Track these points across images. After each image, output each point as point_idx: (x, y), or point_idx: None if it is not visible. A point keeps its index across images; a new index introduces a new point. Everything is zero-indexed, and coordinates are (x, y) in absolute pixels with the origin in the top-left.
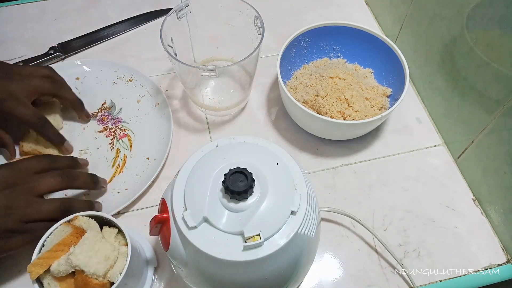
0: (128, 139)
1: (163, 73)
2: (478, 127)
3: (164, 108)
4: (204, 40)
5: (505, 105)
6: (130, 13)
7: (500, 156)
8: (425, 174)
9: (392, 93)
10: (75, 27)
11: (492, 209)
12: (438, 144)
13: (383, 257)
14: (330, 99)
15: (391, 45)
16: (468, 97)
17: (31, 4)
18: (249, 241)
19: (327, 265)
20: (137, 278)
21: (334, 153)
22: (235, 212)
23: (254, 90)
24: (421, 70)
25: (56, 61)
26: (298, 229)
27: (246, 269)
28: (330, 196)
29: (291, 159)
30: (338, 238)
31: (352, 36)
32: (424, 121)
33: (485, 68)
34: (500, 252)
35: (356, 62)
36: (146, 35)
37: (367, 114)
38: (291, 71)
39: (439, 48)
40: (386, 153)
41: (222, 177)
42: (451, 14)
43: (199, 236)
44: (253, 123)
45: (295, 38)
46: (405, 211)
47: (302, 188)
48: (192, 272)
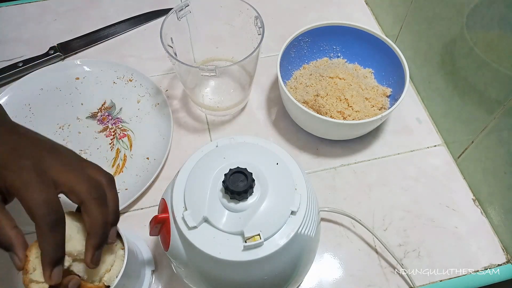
0: (128, 139)
1: (163, 73)
2: (478, 127)
3: (164, 108)
4: (204, 40)
5: (505, 105)
6: (130, 13)
7: (500, 156)
8: (425, 174)
9: (392, 93)
10: (75, 27)
11: (492, 209)
12: (438, 144)
13: (383, 257)
14: (330, 99)
15: (391, 45)
16: (468, 97)
17: (31, 4)
18: (249, 241)
19: (327, 265)
20: (134, 280)
21: (334, 153)
22: (235, 212)
23: (254, 90)
24: (421, 70)
25: (56, 61)
26: (298, 229)
27: (246, 269)
28: (330, 196)
29: (291, 159)
30: (338, 238)
31: (352, 36)
32: (424, 121)
33: (485, 68)
34: (500, 252)
35: (356, 62)
36: (146, 35)
37: (367, 114)
38: (291, 71)
39: (439, 48)
40: (386, 153)
41: (222, 177)
42: (451, 14)
43: (199, 236)
44: (253, 123)
45: (295, 38)
46: (405, 211)
47: (302, 188)
48: (192, 272)
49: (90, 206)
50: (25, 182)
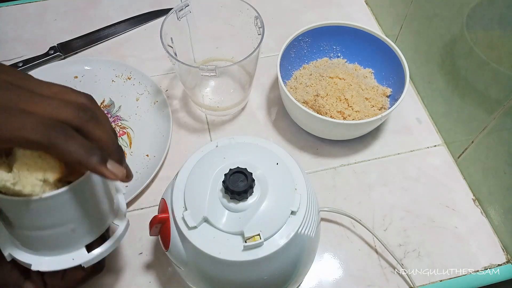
0: (127, 136)
1: (163, 73)
2: (478, 127)
3: (163, 105)
4: (204, 40)
5: (505, 105)
6: (130, 13)
7: (500, 156)
8: (425, 174)
9: (392, 93)
10: (75, 27)
11: (492, 209)
12: (438, 144)
13: (383, 257)
14: (330, 99)
15: (391, 45)
16: (468, 97)
17: (31, 4)
18: (249, 241)
19: (327, 265)
20: (90, 211)
21: (334, 153)
22: (235, 212)
23: (254, 90)
24: (421, 70)
25: (56, 61)
26: (298, 229)
27: (246, 269)
28: (330, 196)
29: (291, 159)
30: (338, 238)
31: (352, 36)
32: (424, 121)
33: (485, 68)
34: (500, 252)
35: (356, 62)
36: (146, 35)
37: (367, 114)
38: (291, 71)
39: (439, 48)
40: (386, 153)
41: (222, 177)
42: (451, 14)
43: (199, 236)
44: (253, 123)
45: (295, 38)
46: (405, 211)
47: (302, 188)
48: (192, 272)
49: (89, 129)
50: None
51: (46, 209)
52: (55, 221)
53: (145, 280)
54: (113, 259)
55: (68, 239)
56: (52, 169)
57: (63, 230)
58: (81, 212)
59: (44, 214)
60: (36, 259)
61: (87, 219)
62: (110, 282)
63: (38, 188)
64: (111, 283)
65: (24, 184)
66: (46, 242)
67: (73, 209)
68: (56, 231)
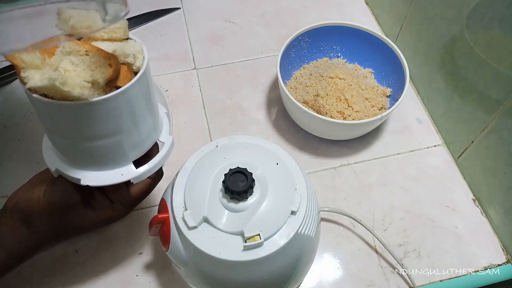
0: None
1: (163, 73)
2: (478, 127)
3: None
4: None
5: (505, 105)
6: (130, 13)
7: (500, 156)
8: (425, 174)
9: (392, 93)
10: None
11: (492, 209)
12: (438, 144)
13: (383, 257)
14: (330, 99)
15: (391, 45)
16: (468, 97)
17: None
18: (249, 241)
19: (327, 265)
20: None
21: (334, 153)
22: (235, 212)
23: (254, 90)
24: (421, 70)
25: None
26: (298, 229)
27: (246, 269)
28: (330, 196)
29: (291, 159)
30: (338, 238)
31: (352, 36)
32: (424, 121)
33: (485, 68)
34: (500, 252)
35: (356, 62)
36: (146, 35)
37: (367, 114)
38: (291, 71)
39: (439, 48)
40: (386, 153)
41: (222, 177)
42: (451, 14)
43: (199, 236)
44: (253, 123)
45: (295, 38)
46: (405, 211)
47: (302, 188)
48: (192, 272)
49: None
50: None
51: (96, 116)
52: (103, 130)
53: (145, 280)
54: (113, 259)
55: (117, 152)
56: (100, 69)
57: (112, 142)
58: (129, 121)
59: (93, 122)
60: (85, 173)
61: (135, 131)
62: (110, 282)
63: (87, 91)
64: (111, 283)
65: (73, 85)
66: (94, 155)
67: (122, 118)
68: (104, 143)
